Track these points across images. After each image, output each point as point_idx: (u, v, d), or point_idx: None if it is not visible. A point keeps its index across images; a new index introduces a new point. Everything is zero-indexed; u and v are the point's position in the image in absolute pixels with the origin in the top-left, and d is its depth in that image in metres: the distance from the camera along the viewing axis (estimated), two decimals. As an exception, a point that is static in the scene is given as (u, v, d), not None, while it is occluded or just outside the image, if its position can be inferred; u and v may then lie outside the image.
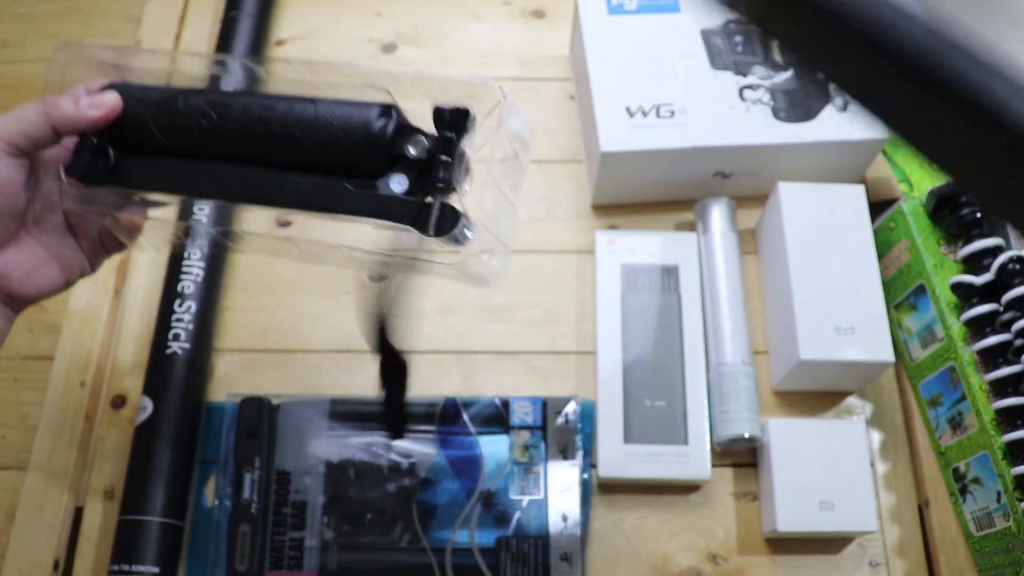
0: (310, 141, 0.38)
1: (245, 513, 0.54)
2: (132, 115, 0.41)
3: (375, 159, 0.38)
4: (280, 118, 0.39)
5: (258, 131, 0.39)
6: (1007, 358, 0.53)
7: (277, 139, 0.39)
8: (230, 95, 0.41)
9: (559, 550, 0.54)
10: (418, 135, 0.38)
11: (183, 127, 0.40)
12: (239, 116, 0.39)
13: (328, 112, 0.38)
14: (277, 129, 0.39)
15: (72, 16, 0.76)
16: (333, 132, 0.38)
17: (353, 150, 0.38)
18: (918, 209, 0.59)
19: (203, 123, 0.40)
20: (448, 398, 0.58)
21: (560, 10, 0.77)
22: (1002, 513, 0.52)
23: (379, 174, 0.38)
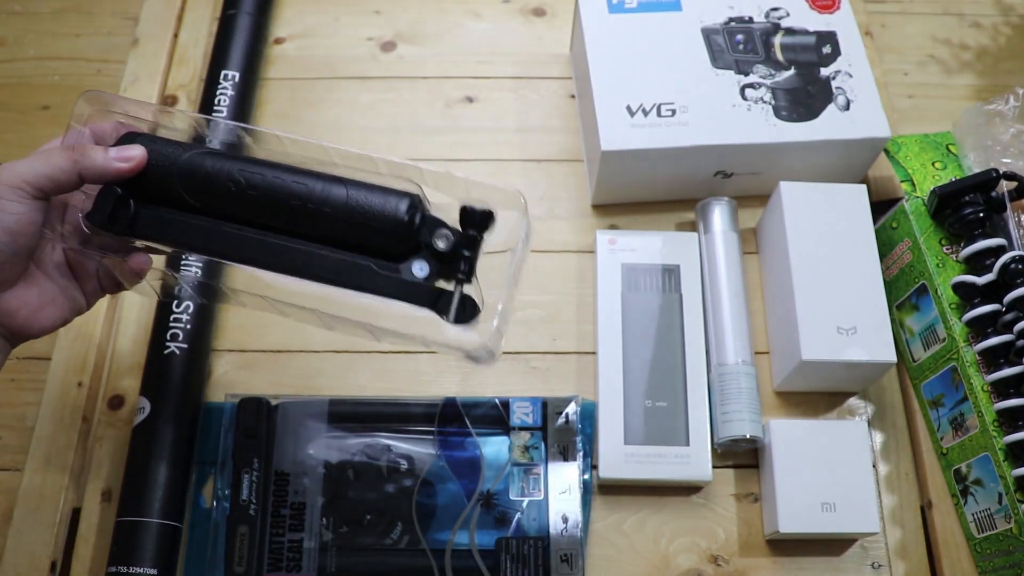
0: (341, 220, 0.41)
1: (243, 514, 0.53)
2: (158, 169, 0.42)
3: (399, 245, 0.41)
4: (314, 195, 0.41)
5: (290, 204, 0.41)
6: (1009, 359, 0.53)
7: (308, 214, 0.41)
8: (262, 163, 0.42)
9: (559, 551, 0.53)
10: (444, 229, 0.41)
11: (210, 188, 0.41)
12: (270, 186, 0.41)
13: (360, 197, 0.41)
14: (311, 205, 0.41)
15: (69, 14, 0.76)
16: (363, 215, 0.40)
17: (380, 234, 0.41)
18: (920, 209, 0.59)
19: (231, 188, 0.41)
20: (448, 398, 0.57)
21: (560, 8, 0.77)
22: (1003, 515, 0.52)
23: (401, 257, 0.41)
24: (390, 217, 0.40)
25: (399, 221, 0.40)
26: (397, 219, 0.40)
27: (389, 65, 0.74)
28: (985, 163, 0.58)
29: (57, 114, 0.71)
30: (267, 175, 0.41)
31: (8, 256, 0.41)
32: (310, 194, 0.41)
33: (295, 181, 0.41)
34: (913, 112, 0.73)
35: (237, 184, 0.41)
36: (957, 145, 0.61)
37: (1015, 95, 0.59)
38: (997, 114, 0.59)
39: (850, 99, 0.63)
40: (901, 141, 0.62)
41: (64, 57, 0.74)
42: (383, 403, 0.58)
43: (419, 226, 0.41)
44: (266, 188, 0.41)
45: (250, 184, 0.41)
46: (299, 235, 0.42)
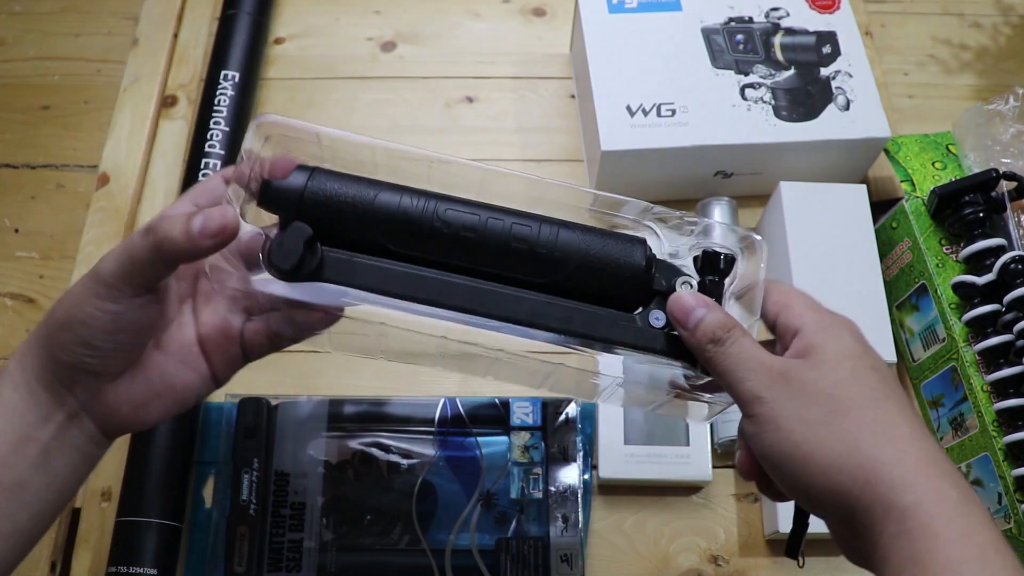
0: (571, 267, 0.37)
1: (243, 514, 0.53)
2: (347, 209, 0.36)
3: (632, 293, 0.38)
4: (542, 239, 0.36)
5: (512, 247, 0.36)
6: (1009, 359, 0.53)
7: (535, 259, 0.36)
8: (472, 204, 0.37)
9: (559, 552, 0.53)
10: (685, 276, 0.38)
11: (416, 230, 0.36)
12: (488, 228, 0.36)
13: (593, 241, 0.37)
14: (540, 250, 0.36)
15: (69, 14, 0.76)
16: (599, 261, 0.37)
17: (615, 282, 0.37)
18: (920, 209, 0.59)
19: (442, 230, 0.36)
20: (448, 398, 0.57)
21: (560, 8, 0.77)
22: (1003, 515, 0.52)
23: (630, 307, 0.38)
24: (628, 264, 0.37)
25: (637, 268, 0.37)
26: (635, 265, 0.37)
27: (389, 65, 0.74)
28: (985, 163, 0.58)
29: (57, 114, 0.71)
30: (482, 215, 0.36)
31: (109, 351, 0.35)
32: (537, 237, 0.36)
33: (517, 223, 0.36)
34: (913, 112, 0.73)
35: (449, 225, 0.36)
36: (957, 145, 0.61)
37: (1015, 95, 0.59)
38: (997, 114, 0.59)
39: (850, 99, 0.63)
40: (901, 141, 0.62)
41: (64, 57, 0.74)
42: (383, 403, 0.58)
43: (655, 273, 0.37)
44: (483, 230, 0.36)
45: (464, 225, 0.36)
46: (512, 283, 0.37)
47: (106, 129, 0.69)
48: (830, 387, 0.33)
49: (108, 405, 0.37)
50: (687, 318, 0.36)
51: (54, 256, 0.65)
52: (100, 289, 0.34)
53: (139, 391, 0.37)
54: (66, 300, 0.35)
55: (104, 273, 0.34)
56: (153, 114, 0.70)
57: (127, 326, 0.35)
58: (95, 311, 0.34)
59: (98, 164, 0.67)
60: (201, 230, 0.33)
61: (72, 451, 0.37)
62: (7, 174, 0.68)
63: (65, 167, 0.69)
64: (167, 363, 0.38)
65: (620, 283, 0.37)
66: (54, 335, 0.35)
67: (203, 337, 0.39)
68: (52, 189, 0.68)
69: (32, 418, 0.35)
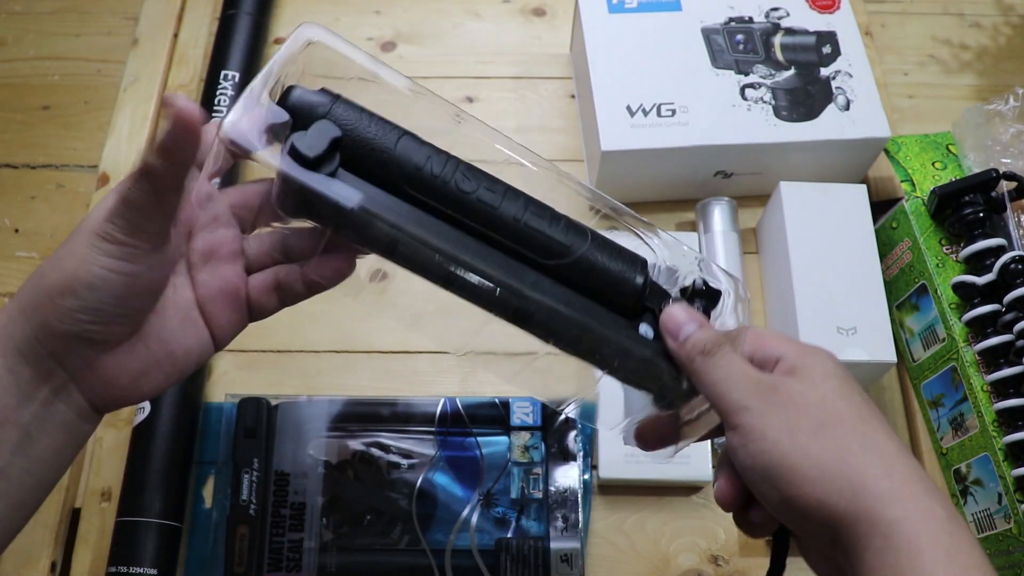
0: (569, 262, 0.37)
1: (243, 514, 0.53)
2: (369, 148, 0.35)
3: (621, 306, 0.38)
4: (555, 232, 0.36)
5: (521, 229, 0.36)
6: (1009, 359, 0.53)
7: (539, 247, 0.36)
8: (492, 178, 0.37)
9: (559, 552, 0.53)
10: (678, 299, 0.39)
11: (436, 187, 0.35)
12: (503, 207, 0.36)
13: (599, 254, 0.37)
14: (541, 239, 0.36)
15: (69, 14, 0.76)
16: (600, 271, 0.37)
17: (611, 293, 0.37)
18: (920, 209, 0.59)
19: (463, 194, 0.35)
20: (448, 398, 0.57)
21: (560, 8, 0.77)
22: (1003, 515, 0.52)
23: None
24: (626, 282, 0.37)
25: (634, 288, 0.37)
26: (632, 286, 0.37)
27: (389, 65, 0.74)
28: (985, 163, 0.58)
29: (57, 114, 0.71)
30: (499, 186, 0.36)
31: (116, 317, 0.32)
32: (551, 228, 0.36)
33: (535, 212, 0.36)
34: (913, 112, 0.73)
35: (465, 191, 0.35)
36: (957, 145, 0.61)
37: (1015, 95, 0.59)
38: (997, 114, 0.59)
39: (850, 99, 0.63)
40: (901, 141, 0.62)
41: (64, 57, 0.74)
42: (383, 403, 0.58)
43: (648, 294, 0.38)
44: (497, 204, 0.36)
45: (480, 198, 0.35)
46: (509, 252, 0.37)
47: (106, 129, 0.69)
48: (818, 399, 0.33)
49: (103, 377, 0.33)
50: (678, 330, 0.37)
51: (54, 256, 0.65)
52: (109, 246, 0.31)
53: (138, 360, 0.34)
54: (63, 262, 0.31)
55: (109, 230, 0.31)
56: (153, 114, 0.70)
57: (141, 288, 0.32)
58: (107, 272, 0.31)
59: (98, 164, 0.67)
60: (170, 136, 0.29)
61: (57, 430, 0.33)
62: (7, 174, 0.68)
63: (65, 167, 0.69)
64: (165, 328, 0.35)
65: (616, 292, 0.37)
66: (49, 302, 0.31)
67: (203, 299, 0.36)
68: (52, 189, 0.68)
69: (10, 399, 0.32)
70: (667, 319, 0.37)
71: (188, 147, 0.30)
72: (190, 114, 0.29)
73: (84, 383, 0.33)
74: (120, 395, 0.34)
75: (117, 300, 0.31)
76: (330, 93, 0.36)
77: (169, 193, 0.31)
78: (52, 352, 0.32)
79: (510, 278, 0.35)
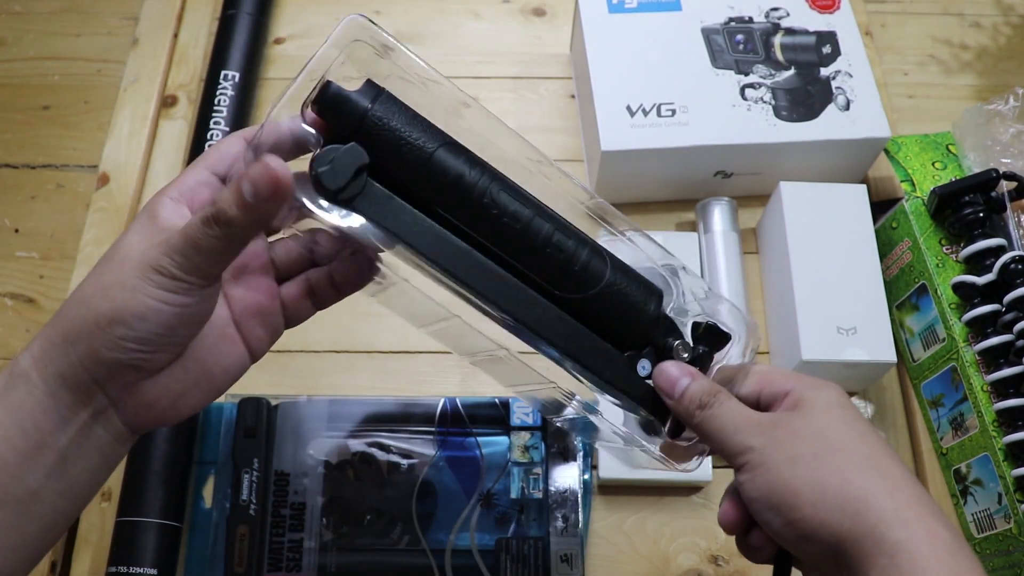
0: (591, 293, 0.36)
1: (243, 514, 0.53)
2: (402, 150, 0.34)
3: (634, 341, 0.38)
4: (579, 257, 0.36)
5: (545, 253, 0.35)
6: (1008, 359, 0.53)
7: (561, 274, 0.36)
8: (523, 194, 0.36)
9: (559, 551, 0.53)
10: (683, 340, 0.39)
11: (462, 200, 0.35)
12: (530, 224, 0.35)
13: (621, 280, 0.37)
14: (574, 267, 0.36)
15: (69, 14, 0.76)
16: (618, 299, 0.37)
17: (624, 324, 0.37)
18: (920, 209, 0.59)
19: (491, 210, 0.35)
20: (448, 398, 0.57)
21: (560, 8, 0.77)
22: (1003, 515, 0.52)
23: (622, 347, 0.38)
24: (642, 312, 0.37)
25: (649, 318, 0.37)
26: (648, 316, 0.37)
27: (389, 65, 0.74)
28: (985, 163, 0.58)
29: (57, 114, 0.71)
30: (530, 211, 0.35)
31: (163, 346, 0.33)
32: (572, 252, 0.36)
33: (560, 233, 0.36)
34: (913, 112, 0.73)
35: (497, 206, 0.34)
36: (957, 145, 0.61)
37: (1015, 95, 0.59)
38: (997, 114, 0.59)
39: (850, 99, 0.63)
40: (901, 141, 0.62)
41: (64, 57, 0.74)
42: (383, 403, 0.58)
43: (660, 326, 0.38)
44: (528, 224, 0.35)
45: (513, 213, 0.35)
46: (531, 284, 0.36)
47: (106, 129, 0.69)
48: (820, 429, 0.34)
49: (145, 400, 0.34)
50: (672, 388, 0.37)
51: (54, 256, 0.65)
52: (163, 280, 0.31)
53: (177, 382, 0.34)
54: (111, 292, 0.31)
55: (166, 265, 0.31)
56: (153, 114, 0.70)
57: (190, 319, 0.33)
58: (159, 304, 0.31)
59: (98, 164, 0.67)
60: (255, 194, 0.29)
61: (93, 454, 0.34)
62: (7, 174, 0.68)
63: (65, 167, 0.69)
64: (202, 349, 0.35)
65: (627, 325, 0.37)
66: (97, 331, 0.31)
67: (238, 315, 0.37)
68: (52, 189, 0.68)
69: (50, 424, 0.32)
70: (659, 378, 0.38)
71: (272, 208, 0.30)
72: (284, 177, 0.29)
73: (124, 407, 0.34)
74: (158, 417, 0.35)
75: (167, 330, 0.32)
76: (374, 86, 0.35)
77: (238, 243, 0.31)
78: (96, 379, 0.32)
79: (520, 310, 0.36)
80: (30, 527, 0.33)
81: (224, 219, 0.30)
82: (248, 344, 0.37)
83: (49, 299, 0.63)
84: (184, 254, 0.31)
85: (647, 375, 0.38)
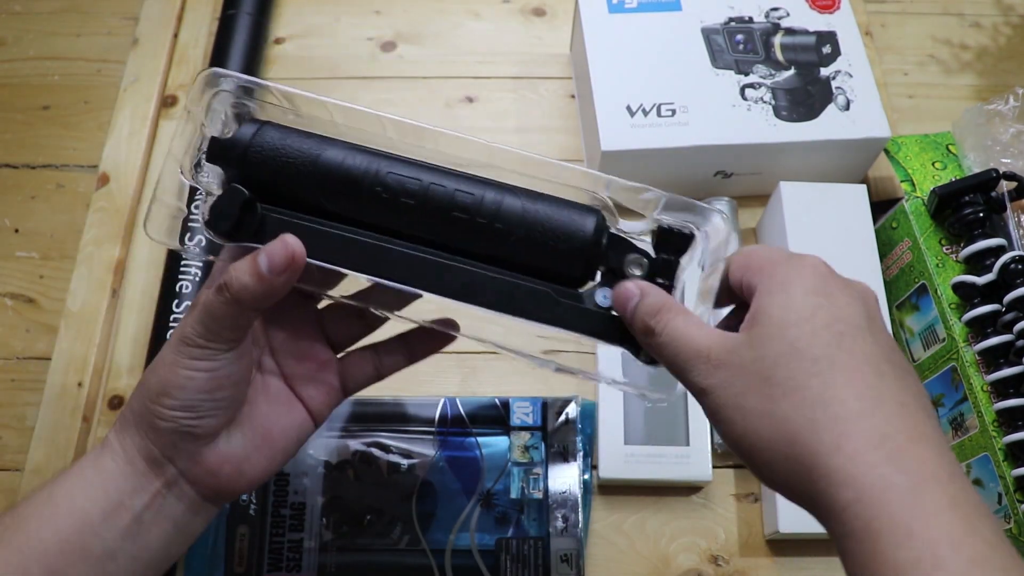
0: (515, 239, 0.35)
1: (243, 515, 0.53)
2: (290, 166, 0.35)
3: (579, 269, 0.36)
4: (484, 207, 0.35)
5: (453, 216, 0.35)
6: (1008, 359, 0.53)
7: (475, 230, 0.35)
8: (416, 165, 0.36)
9: (559, 551, 0.53)
10: (636, 254, 0.36)
11: (356, 193, 0.35)
12: (430, 194, 0.35)
13: (539, 211, 0.35)
14: (480, 220, 0.35)
15: (69, 15, 0.76)
16: (543, 233, 0.35)
17: (560, 256, 0.35)
18: (920, 209, 0.59)
19: (382, 195, 0.35)
20: (448, 398, 0.57)
21: (560, 8, 0.77)
22: (1003, 515, 0.52)
23: (578, 283, 0.36)
24: (575, 237, 0.35)
25: (584, 242, 0.35)
26: (583, 239, 0.35)
27: (389, 65, 0.74)
28: (985, 163, 0.58)
29: (57, 114, 0.71)
30: (424, 180, 0.35)
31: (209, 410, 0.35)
32: (479, 206, 0.35)
33: (460, 190, 0.35)
34: (913, 112, 0.73)
35: (388, 190, 0.35)
36: (957, 145, 0.61)
37: (1015, 95, 0.59)
38: (997, 114, 0.59)
39: (850, 99, 0.63)
40: (901, 141, 0.62)
41: (64, 57, 0.74)
42: (383, 403, 0.58)
43: (606, 248, 0.35)
44: (425, 196, 0.35)
45: (405, 190, 0.35)
46: (456, 252, 0.35)
47: (106, 129, 0.69)
48: (768, 368, 0.29)
49: (208, 467, 0.36)
50: (624, 310, 0.34)
51: (54, 256, 0.65)
52: (190, 350, 0.34)
53: (237, 447, 0.36)
54: (158, 370, 0.35)
55: (190, 335, 0.34)
56: (153, 114, 0.70)
57: (224, 380, 0.35)
58: (190, 372, 0.34)
59: (98, 164, 0.67)
60: (271, 268, 0.33)
61: (166, 522, 0.36)
62: (7, 174, 0.68)
63: (65, 167, 0.69)
64: (259, 415, 0.37)
65: (566, 258, 0.35)
66: (150, 406, 0.35)
67: (291, 381, 0.39)
68: (52, 189, 0.68)
69: (128, 486, 0.35)
70: (616, 304, 0.35)
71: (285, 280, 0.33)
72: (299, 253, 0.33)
73: (192, 475, 0.36)
74: (228, 483, 0.36)
75: (206, 394, 0.34)
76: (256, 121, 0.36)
77: (249, 310, 0.34)
78: (163, 450, 0.35)
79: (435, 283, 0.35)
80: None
81: (236, 287, 0.33)
82: (308, 407, 0.39)
83: (49, 299, 0.63)
84: (203, 323, 0.34)
85: (610, 305, 0.35)
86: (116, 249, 0.63)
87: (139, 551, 0.35)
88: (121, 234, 0.64)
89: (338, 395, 0.40)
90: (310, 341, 0.40)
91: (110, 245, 0.64)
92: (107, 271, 0.63)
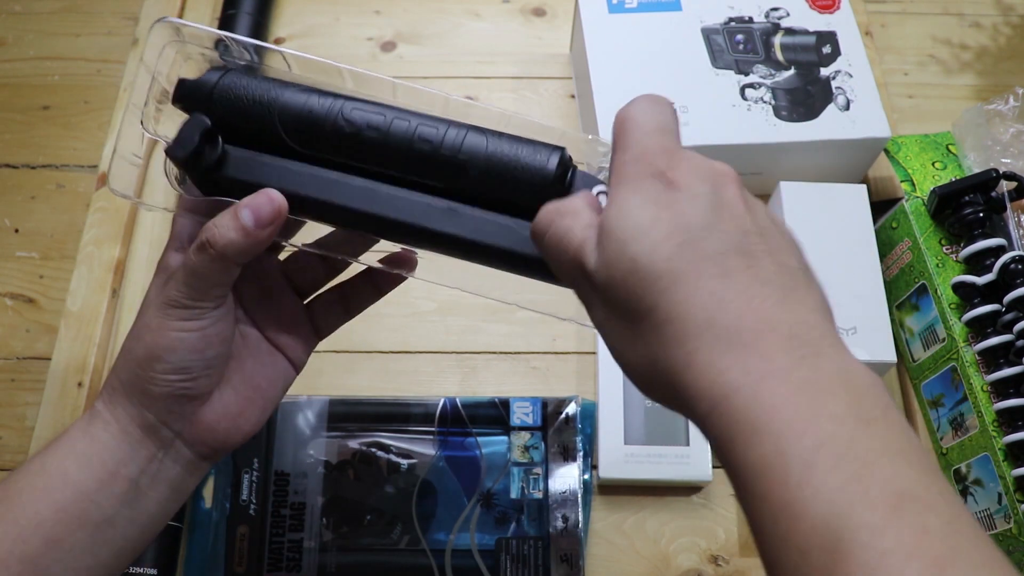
0: (478, 172, 0.34)
1: (243, 514, 0.53)
2: (254, 105, 0.35)
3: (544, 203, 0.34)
4: (448, 140, 0.34)
5: (416, 148, 0.34)
6: (1008, 359, 0.53)
7: (439, 163, 0.34)
8: (380, 104, 0.36)
9: (559, 552, 0.53)
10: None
11: (319, 129, 0.35)
12: (394, 127, 0.35)
13: (503, 146, 0.35)
14: (444, 152, 0.34)
15: (69, 14, 0.76)
16: (506, 167, 0.34)
17: (524, 191, 0.34)
18: (920, 208, 0.59)
19: (345, 128, 0.35)
20: (448, 398, 0.57)
21: (560, 8, 0.77)
22: (1003, 515, 0.52)
23: None
24: (538, 171, 0.34)
25: (548, 176, 0.34)
26: (546, 173, 0.34)
27: (389, 65, 0.74)
28: (985, 163, 0.58)
29: (57, 114, 0.71)
30: (388, 115, 0.35)
31: (202, 370, 0.35)
32: (442, 139, 0.34)
33: (424, 123, 0.35)
34: (913, 112, 0.73)
35: (352, 124, 0.34)
36: (957, 145, 0.61)
37: (1015, 95, 0.59)
38: (997, 114, 0.59)
39: (850, 99, 0.63)
40: (901, 141, 0.62)
41: (64, 57, 0.74)
42: (383, 403, 0.58)
43: (569, 183, 0.35)
44: (388, 129, 0.34)
45: (369, 124, 0.34)
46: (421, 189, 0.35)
47: (106, 129, 0.69)
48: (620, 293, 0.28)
49: (206, 425, 0.36)
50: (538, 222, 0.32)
51: (54, 256, 0.65)
52: (178, 311, 0.34)
53: (231, 403, 0.37)
54: (143, 337, 0.35)
55: (176, 297, 0.34)
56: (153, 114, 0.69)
57: (214, 338, 0.35)
58: (180, 334, 0.34)
59: (98, 164, 0.67)
60: (257, 221, 0.33)
61: (163, 485, 0.36)
62: (7, 174, 0.68)
63: (65, 167, 0.69)
64: (245, 368, 0.38)
65: (530, 193, 0.34)
66: (141, 373, 0.35)
67: (268, 332, 0.39)
68: (52, 189, 0.68)
69: (122, 454, 0.35)
70: None
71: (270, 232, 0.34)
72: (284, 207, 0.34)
73: (188, 437, 0.36)
74: (224, 439, 0.37)
75: (197, 354, 0.35)
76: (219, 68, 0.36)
77: (231, 265, 0.34)
78: (157, 415, 0.36)
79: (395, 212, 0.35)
80: (102, 551, 0.35)
81: (221, 243, 0.33)
82: (287, 355, 0.40)
83: (49, 299, 0.63)
84: (187, 283, 0.34)
85: None
86: (116, 249, 0.63)
87: (136, 515, 0.36)
88: (121, 234, 0.64)
89: (313, 340, 0.41)
90: (278, 291, 0.40)
91: (110, 245, 0.64)
92: (107, 271, 0.63)
